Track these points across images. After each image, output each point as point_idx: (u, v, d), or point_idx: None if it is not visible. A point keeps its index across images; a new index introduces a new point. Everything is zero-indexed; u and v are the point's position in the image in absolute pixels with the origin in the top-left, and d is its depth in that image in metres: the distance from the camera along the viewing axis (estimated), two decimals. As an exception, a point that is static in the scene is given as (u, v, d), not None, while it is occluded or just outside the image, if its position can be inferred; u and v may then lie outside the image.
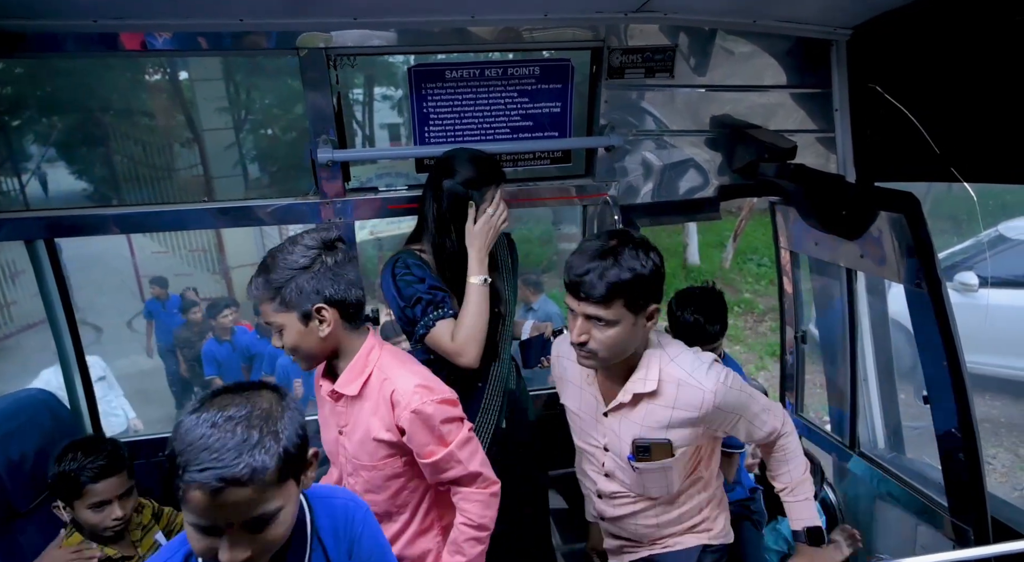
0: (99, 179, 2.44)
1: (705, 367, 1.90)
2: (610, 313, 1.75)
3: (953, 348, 2.26)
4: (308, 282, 1.73)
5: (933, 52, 2.25)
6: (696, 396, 1.86)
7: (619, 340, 1.81)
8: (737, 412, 1.94)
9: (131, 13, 2.10)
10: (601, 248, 1.76)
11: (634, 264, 1.74)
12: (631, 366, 1.92)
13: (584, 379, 2.06)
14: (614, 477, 2.11)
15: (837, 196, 2.61)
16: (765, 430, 2.04)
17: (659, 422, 1.92)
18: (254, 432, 1.20)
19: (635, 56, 2.53)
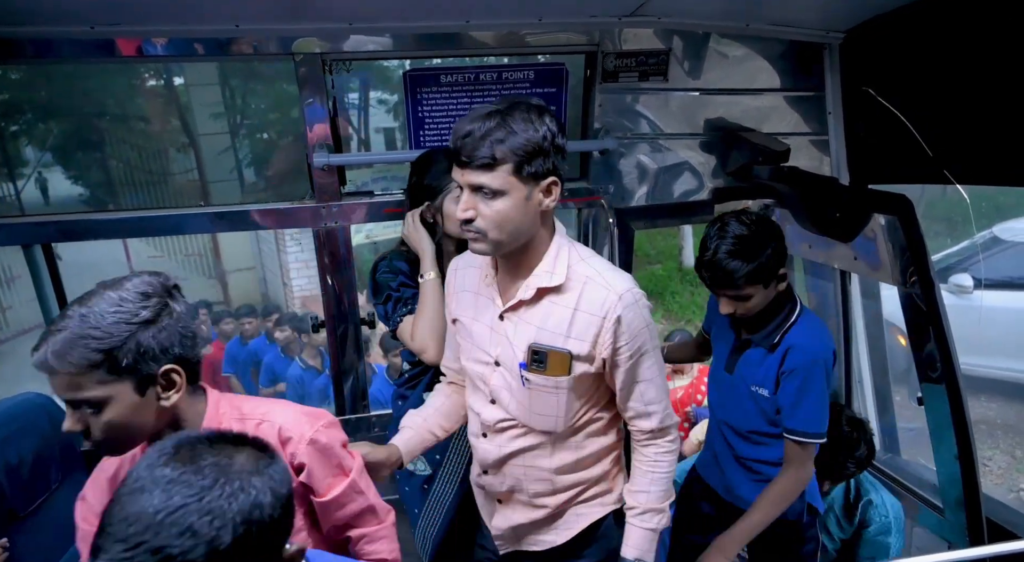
0: (95, 184, 2.44)
1: (618, 272, 1.72)
2: (495, 180, 1.55)
3: (947, 350, 2.27)
4: (154, 339, 1.37)
5: (926, 55, 2.26)
6: (601, 296, 1.66)
7: (510, 215, 1.58)
8: (634, 344, 1.70)
9: (127, 19, 2.11)
10: (488, 110, 1.58)
11: (523, 125, 1.55)
12: (534, 262, 1.70)
13: (482, 281, 1.82)
14: (499, 402, 1.83)
15: (831, 198, 2.62)
16: (649, 408, 1.80)
17: (559, 325, 1.69)
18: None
19: (629, 60, 2.55)
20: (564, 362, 1.70)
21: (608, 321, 1.66)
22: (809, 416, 2.09)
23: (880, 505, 2.59)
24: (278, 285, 9.64)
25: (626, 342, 1.69)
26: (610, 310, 1.65)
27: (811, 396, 2.09)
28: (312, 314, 2.80)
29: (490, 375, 1.83)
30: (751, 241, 2.01)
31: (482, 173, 1.55)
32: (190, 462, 0.96)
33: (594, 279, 1.68)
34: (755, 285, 2.05)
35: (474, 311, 1.84)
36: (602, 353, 1.70)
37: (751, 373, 2.23)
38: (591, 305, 1.67)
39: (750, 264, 2.00)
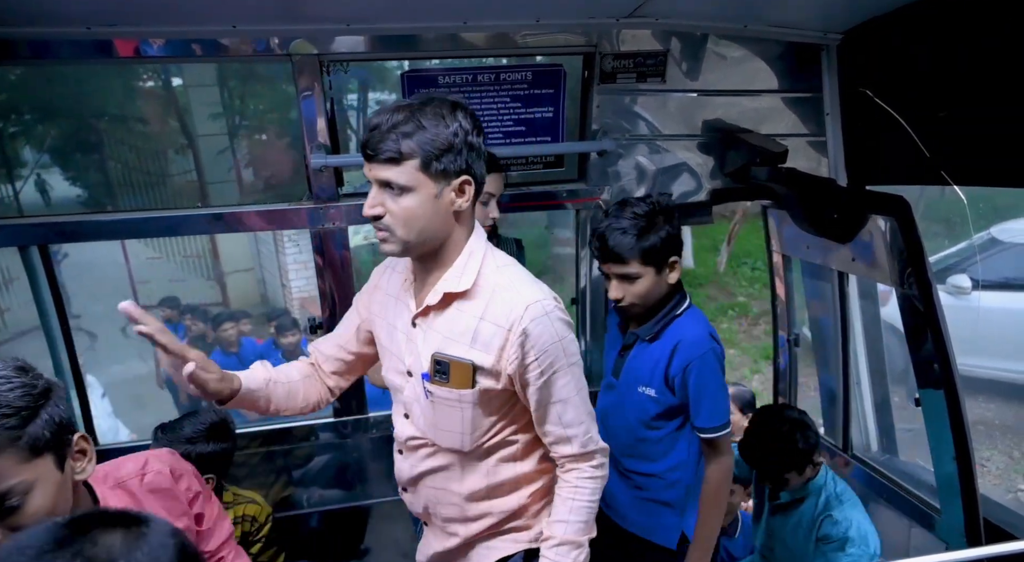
0: (93, 185, 2.44)
1: (534, 283, 1.61)
2: (402, 176, 1.47)
3: (944, 351, 2.27)
4: (57, 408, 1.26)
5: (923, 56, 2.26)
6: (508, 306, 1.54)
7: (417, 213, 1.50)
8: (545, 361, 1.56)
9: (124, 20, 2.11)
10: (400, 104, 1.51)
11: (433, 121, 1.47)
12: (447, 266, 1.61)
13: (401, 286, 1.73)
14: (411, 416, 1.74)
15: (828, 199, 2.62)
16: (568, 431, 1.66)
17: (463, 333, 1.58)
18: None
19: (627, 61, 2.55)
20: (467, 374, 1.58)
21: (513, 334, 1.54)
22: (713, 411, 2.09)
23: (842, 521, 2.50)
24: (277, 286, 9.64)
25: (535, 358, 1.56)
26: (516, 322, 1.53)
27: (710, 390, 2.09)
28: (310, 315, 2.79)
29: (405, 385, 1.73)
30: (646, 220, 2.04)
31: (388, 167, 1.47)
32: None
33: (505, 288, 1.57)
34: (644, 265, 2.05)
35: (393, 316, 1.73)
36: (507, 368, 1.57)
37: (637, 372, 2.20)
38: (497, 315, 1.55)
39: (640, 241, 2.02)
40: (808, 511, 2.59)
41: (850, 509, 2.54)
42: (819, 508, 2.57)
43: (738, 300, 9.99)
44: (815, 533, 2.55)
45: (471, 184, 1.54)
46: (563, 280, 2.88)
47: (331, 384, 1.92)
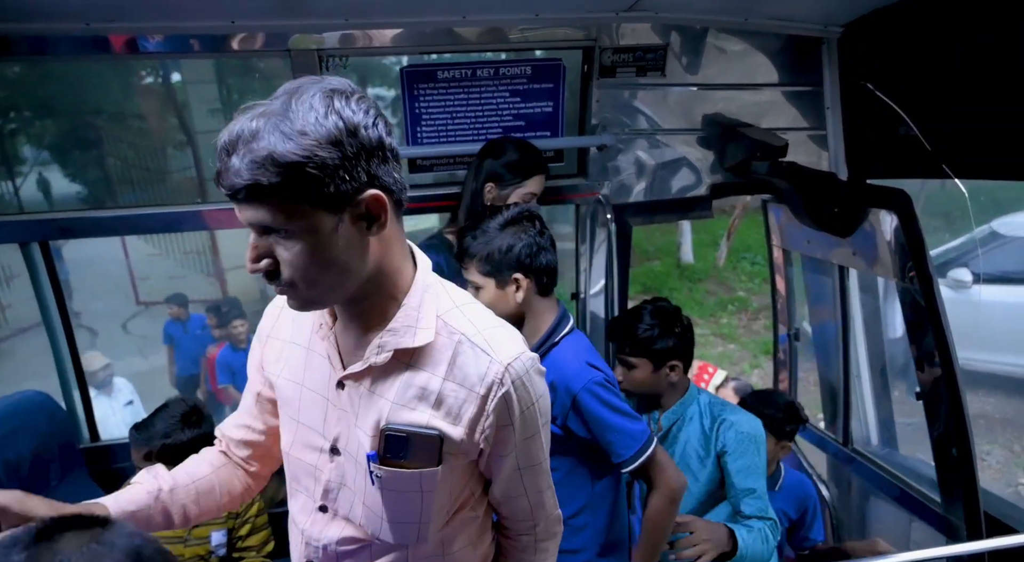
0: (93, 181, 2.43)
1: (503, 328, 1.29)
2: (276, 216, 1.05)
3: (945, 344, 2.27)
4: None
5: (924, 49, 2.26)
6: (482, 365, 1.21)
7: (316, 260, 1.09)
8: (526, 427, 1.28)
9: (122, 16, 2.10)
10: (252, 110, 1.06)
11: (299, 126, 1.02)
12: (388, 310, 1.22)
13: (314, 333, 1.32)
14: (336, 509, 1.33)
15: (829, 193, 2.62)
16: (536, 499, 1.40)
17: (421, 397, 1.23)
18: None
19: (626, 55, 2.54)
20: (432, 449, 1.23)
21: (492, 401, 1.22)
22: (623, 441, 1.88)
23: (735, 423, 2.26)
24: (277, 282, 9.62)
25: (514, 425, 1.25)
26: (494, 385, 1.21)
27: (608, 421, 1.87)
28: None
29: (325, 466, 1.31)
30: (495, 229, 1.86)
31: (253, 208, 1.05)
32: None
33: (472, 339, 1.23)
34: (484, 276, 1.87)
35: (301, 373, 1.31)
36: (481, 441, 1.25)
37: None
38: (467, 376, 1.22)
39: (482, 248, 1.85)
40: (695, 431, 2.34)
41: (739, 411, 2.34)
42: (707, 419, 2.32)
43: (738, 295, 9.99)
44: (713, 447, 2.29)
45: (383, 202, 1.11)
46: (563, 275, 2.87)
47: (254, 471, 1.53)
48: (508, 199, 2.33)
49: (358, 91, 1.10)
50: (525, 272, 1.85)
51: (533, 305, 1.92)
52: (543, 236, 1.88)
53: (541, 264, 1.87)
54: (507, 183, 2.33)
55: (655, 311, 2.26)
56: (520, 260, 1.84)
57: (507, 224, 1.85)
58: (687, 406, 2.34)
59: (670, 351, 2.23)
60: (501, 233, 1.84)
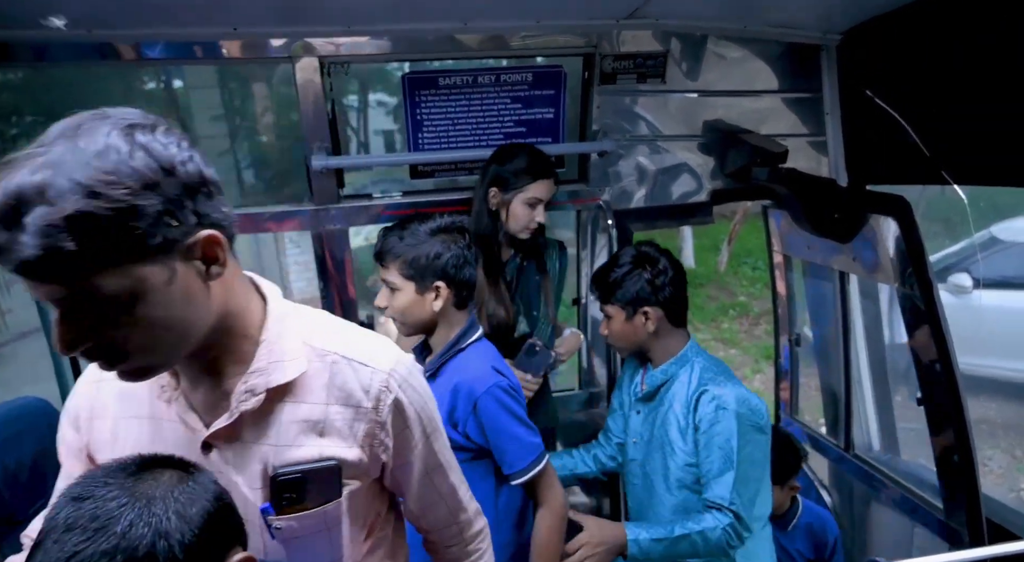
0: (94, 187, 2.45)
1: (372, 338, 1.24)
2: (84, 289, 0.86)
3: (945, 350, 2.27)
4: None
5: (923, 56, 2.26)
6: (363, 378, 1.16)
7: (155, 321, 0.93)
8: (424, 425, 1.25)
9: (125, 23, 2.11)
10: (28, 151, 0.87)
11: (90, 170, 0.83)
12: (243, 351, 1.11)
13: (155, 398, 1.14)
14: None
15: (829, 199, 2.63)
16: (455, 502, 1.38)
17: (310, 430, 1.14)
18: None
19: (627, 62, 2.55)
20: (331, 481, 1.16)
21: (383, 410, 1.16)
22: (518, 451, 1.82)
23: (718, 396, 2.08)
24: (277, 287, 9.63)
25: (414, 428, 1.22)
26: (382, 394, 1.16)
27: (506, 429, 1.81)
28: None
29: None
30: (425, 234, 1.82)
31: (57, 283, 0.85)
32: (91, 500, 0.91)
33: (346, 355, 1.16)
34: (405, 278, 1.82)
35: (149, 447, 1.06)
36: (382, 455, 1.20)
37: None
38: (351, 394, 1.15)
39: (402, 247, 1.82)
40: (681, 392, 2.17)
41: (727, 384, 2.12)
42: (693, 385, 2.15)
43: (739, 300, 9.99)
44: (691, 419, 2.12)
45: (219, 239, 0.98)
46: (565, 283, 2.88)
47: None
48: (511, 204, 2.34)
49: (161, 122, 0.96)
50: (448, 282, 1.84)
51: (448, 316, 1.90)
52: (470, 250, 1.88)
53: (464, 277, 1.86)
54: (510, 188, 2.34)
55: (631, 255, 2.17)
56: (446, 269, 1.83)
57: (437, 231, 1.84)
58: (679, 367, 2.18)
59: (641, 296, 2.11)
60: (430, 239, 1.82)
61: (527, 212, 2.34)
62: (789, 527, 2.61)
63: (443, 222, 1.86)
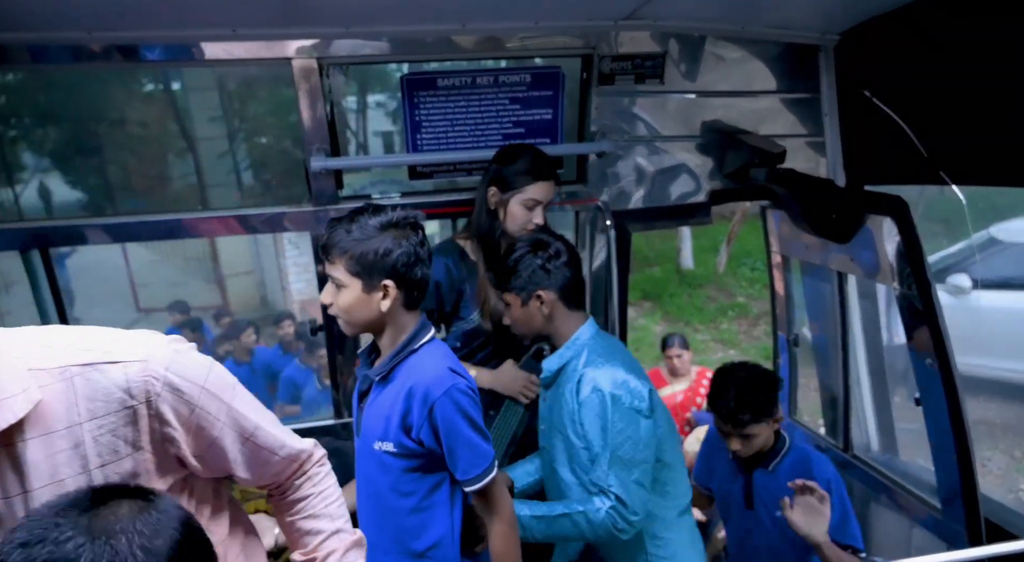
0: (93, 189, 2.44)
1: (121, 332, 1.17)
2: None
3: (944, 350, 2.27)
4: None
5: (921, 56, 2.27)
6: (116, 379, 1.08)
7: None
8: (220, 396, 1.21)
9: (124, 25, 2.11)
10: None
11: None
12: None
13: None
14: None
15: (827, 200, 2.63)
16: (284, 450, 1.37)
17: (71, 461, 1.08)
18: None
19: (625, 63, 2.55)
20: None
21: (155, 404, 1.10)
22: (472, 457, 1.76)
23: (593, 378, 2.03)
24: (277, 289, 9.65)
25: (205, 400, 1.17)
26: (147, 384, 1.09)
27: (462, 433, 1.73)
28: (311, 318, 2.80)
29: None
30: (375, 228, 1.69)
31: None
32: (43, 544, 0.84)
33: (88, 363, 1.07)
34: (352, 275, 1.71)
35: None
36: (171, 449, 1.15)
37: (372, 424, 1.85)
38: (108, 400, 1.07)
39: (349, 242, 1.68)
40: (572, 376, 2.12)
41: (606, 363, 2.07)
42: (578, 370, 2.10)
43: (738, 300, 9.99)
44: (575, 400, 2.07)
45: None
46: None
47: None
48: (509, 204, 2.33)
49: None
50: (397, 281, 1.72)
51: (397, 317, 1.78)
52: (423, 247, 1.76)
53: (415, 276, 1.75)
54: (509, 188, 2.34)
55: (527, 242, 2.14)
56: (395, 267, 1.71)
57: (388, 226, 1.71)
58: (573, 351, 2.12)
59: (534, 280, 2.07)
60: (380, 234, 1.70)
61: (524, 213, 2.34)
62: (771, 466, 2.43)
63: (395, 216, 1.73)
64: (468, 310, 2.43)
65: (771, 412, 2.34)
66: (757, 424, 2.31)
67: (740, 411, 2.29)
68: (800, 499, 2.18)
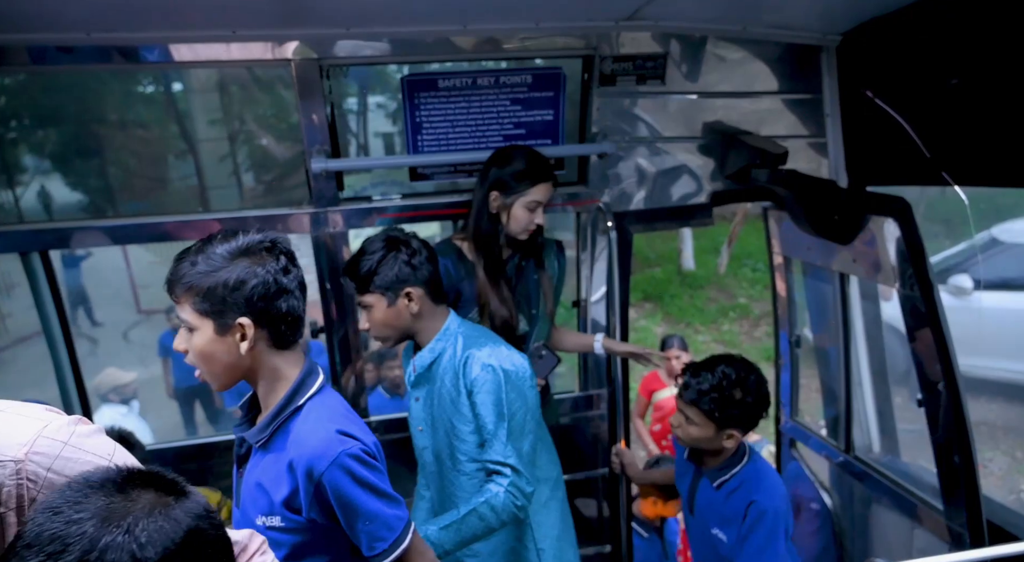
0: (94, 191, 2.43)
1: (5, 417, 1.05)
2: None
3: (946, 351, 2.27)
4: None
5: (923, 57, 2.27)
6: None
7: None
8: None
9: (124, 26, 2.11)
10: None
11: None
12: None
13: None
14: None
15: (829, 201, 2.62)
16: None
17: None
18: None
19: (626, 64, 2.55)
20: None
21: (21, 509, 0.99)
22: (378, 533, 1.55)
23: (481, 357, 2.06)
24: (277, 290, 9.62)
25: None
26: (7, 493, 0.98)
27: (360, 509, 1.51)
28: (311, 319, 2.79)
29: None
30: (224, 256, 1.44)
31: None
32: (60, 517, 0.88)
33: None
34: (200, 315, 1.44)
35: None
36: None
37: (255, 498, 1.59)
38: None
39: (194, 275, 1.43)
40: (450, 364, 2.11)
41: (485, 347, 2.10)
42: (458, 355, 2.10)
43: (739, 301, 9.98)
44: (463, 385, 2.07)
45: None
46: (565, 283, 2.88)
47: None
48: (512, 207, 2.33)
49: None
50: (256, 317, 1.44)
51: (266, 362, 1.51)
52: (287, 275, 1.48)
53: (278, 310, 1.46)
54: (511, 191, 2.33)
55: (381, 240, 2.08)
56: (251, 301, 1.43)
57: (239, 253, 1.44)
58: (446, 341, 2.12)
59: (401, 278, 2.03)
60: (230, 263, 1.43)
61: (527, 215, 2.34)
62: (718, 482, 2.25)
63: (248, 240, 1.46)
64: (466, 310, 2.42)
65: (720, 419, 2.15)
66: (701, 417, 2.16)
67: (698, 393, 2.16)
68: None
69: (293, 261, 1.51)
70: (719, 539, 2.25)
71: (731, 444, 2.22)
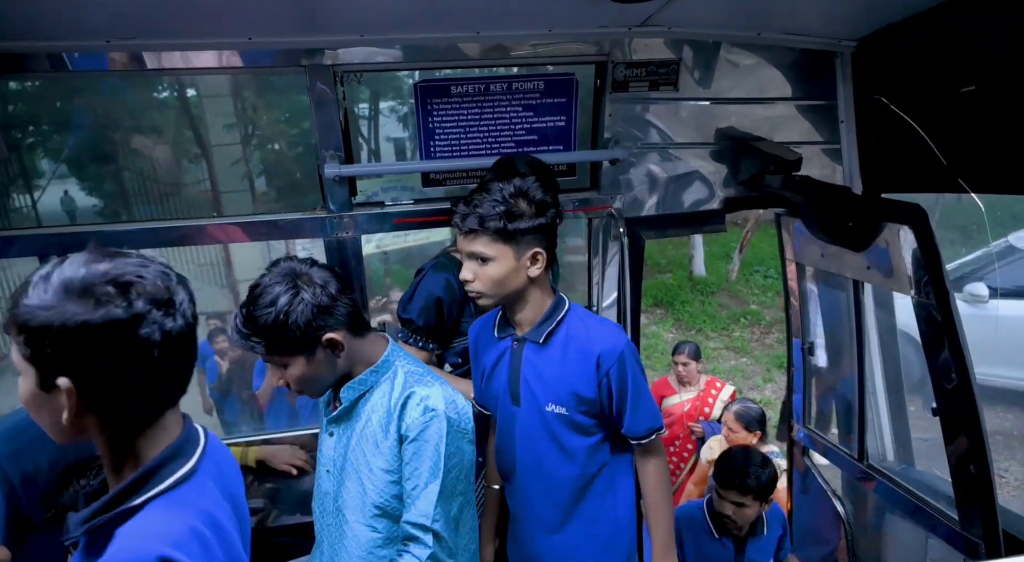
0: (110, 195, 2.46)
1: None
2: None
3: (962, 360, 2.25)
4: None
5: (938, 63, 2.25)
6: None
7: None
8: None
9: (142, 33, 2.13)
10: None
11: None
12: None
13: None
14: None
15: (843, 207, 2.61)
16: None
17: None
18: None
19: (639, 70, 2.55)
20: None
21: None
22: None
23: (425, 397, 1.77)
24: (289, 295, 9.66)
25: None
26: None
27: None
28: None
29: None
30: (58, 291, 1.02)
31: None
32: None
33: None
34: (27, 362, 1.05)
35: None
36: None
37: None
38: None
39: (32, 315, 1.02)
40: (382, 400, 1.82)
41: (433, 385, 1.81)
42: (397, 390, 1.81)
43: (750, 308, 9.94)
44: (396, 427, 1.77)
45: None
46: (575, 288, 2.87)
47: None
48: None
49: None
50: (75, 378, 1.04)
51: (105, 439, 1.12)
52: (168, 310, 1.08)
53: (103, 370, 1.05)
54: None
55: (276, 284, 1.66)
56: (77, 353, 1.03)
57: (82, 292, 1.04)
58: (380, 374, 1.81)
59: (315, 326, 1.67)
60: (65, 300, 1.03)
61: None
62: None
63: (91, 274, 1.06)
64: (469, 326, 2.36)
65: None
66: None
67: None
68: None
69: (174, 304, 1.10)
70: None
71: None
